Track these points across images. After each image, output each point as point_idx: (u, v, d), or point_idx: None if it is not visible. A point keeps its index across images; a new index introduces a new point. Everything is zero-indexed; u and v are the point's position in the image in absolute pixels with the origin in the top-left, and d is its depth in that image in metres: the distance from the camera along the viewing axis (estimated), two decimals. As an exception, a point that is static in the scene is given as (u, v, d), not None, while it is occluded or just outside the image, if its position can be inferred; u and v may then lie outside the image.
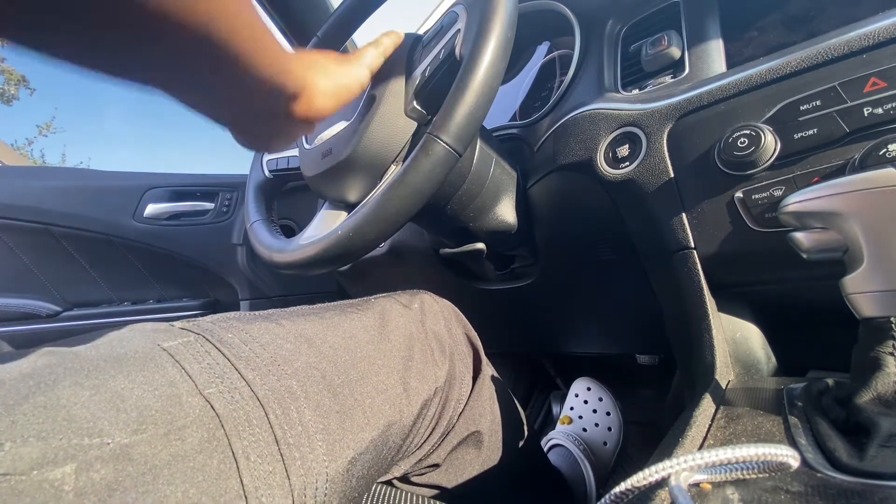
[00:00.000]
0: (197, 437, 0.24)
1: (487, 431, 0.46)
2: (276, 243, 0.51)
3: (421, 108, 0.45)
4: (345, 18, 0.59)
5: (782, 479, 0.22)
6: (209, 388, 0.26)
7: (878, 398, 0.25)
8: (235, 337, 0.31)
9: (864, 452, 0.22)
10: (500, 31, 0.37)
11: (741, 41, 0.48)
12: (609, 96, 0.52)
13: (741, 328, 0.44)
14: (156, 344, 0.27)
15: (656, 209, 0.45)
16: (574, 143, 0.51)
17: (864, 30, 0.35)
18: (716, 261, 0.42)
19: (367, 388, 0.35)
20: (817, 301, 0.42)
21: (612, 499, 0.22)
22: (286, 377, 0.30)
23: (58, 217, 0.91)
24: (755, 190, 0.39)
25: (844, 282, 0.28)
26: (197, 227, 1.01)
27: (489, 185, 0.55)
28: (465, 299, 0.55)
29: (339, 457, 0.30)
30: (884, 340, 0.26)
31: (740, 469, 0.22)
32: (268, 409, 0.27)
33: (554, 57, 0.72)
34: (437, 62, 0.43)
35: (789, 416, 0.29)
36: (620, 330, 0.76)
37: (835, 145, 0.35)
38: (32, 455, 0.19)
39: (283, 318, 0.35)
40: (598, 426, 0.80)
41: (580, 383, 0.87)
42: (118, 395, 0.23)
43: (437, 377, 0.41)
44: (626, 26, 0.57)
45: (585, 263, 0.61)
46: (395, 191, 0.38)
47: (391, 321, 0.41)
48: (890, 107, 0.33)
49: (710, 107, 0.42)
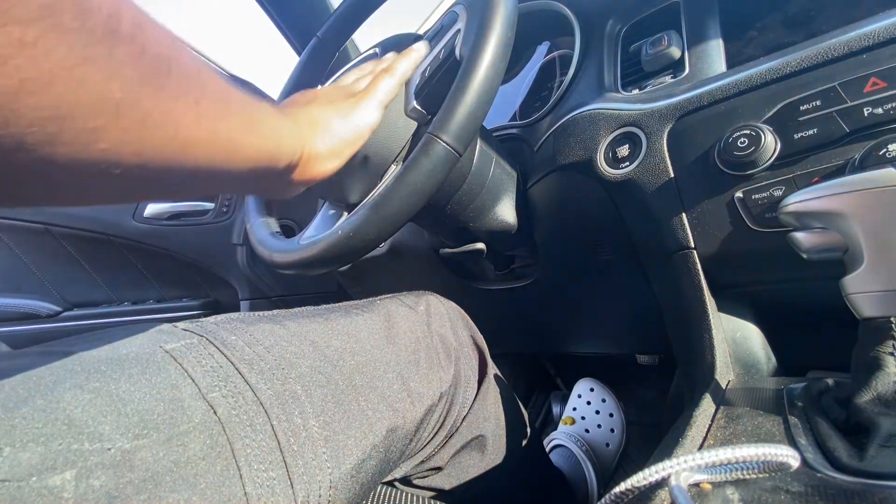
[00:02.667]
0: (199, 442, 0.24)
1: (491, 436, 0.46)
2: (276, 243, 0.50)
3: (421, 108, 0.45)
4: (345, 18, 0.59)
5: (782, 479, 0.22)
6: (212, 392, 0.26)
7: (878, 398, 0.25)
8: (239, 339, 0.30)
9: (864, 452, 0.23)
10: (500, 31, 0.37)
11: (741, 41, 0.48)
12: (609, 96, 0.52)
13: (741, 328, 0.44)
14: (158, 346, 0.27)
15: (656, 209, 0.45)
16: (574, 143, 0.51)
17: (864, 30, 0.35)
18: (716, 261, 0.42)
19: (372, 394, 0.34)
20: (817, 301, 0.42)
21: (613, 499, 0.23)
22: (290, 381, 0.30)
23: (58, 217, 0.91)
24: (755, 190, 0.39)
25: (844, 282, 0.28)
26: (197, 227, 1.01)
27: (489, 185, 0.55)
28: (465, 299, 0.55)
29: (342, 463, 0.30)
30: (884, 340, 0.26)
31: (740, 469, 0.22)
32: (271, 414, 0.27)
33: (554, 57, 0.72)
34: (437, 62, 0.43)
35: (789, 416, 0.29)
36: (620, 330, 0.76)
37: (835, 145, 0.35)
38: (32, 461, 0.18)
39: (287, 320, 0.35)
40: (600, 427, 0.80)
41: (583, 384, 0.87)
42: (119, 398, 0.22)
43: (443, 381, 0.41)
44: (626, 26, 0.57)
45: (585, 263, 0.61)
46: (396, 191, 0.38)
47: (397, 324, 0.41)
48: (890, 107, 0.33)
49: (710, 107, 0.42)
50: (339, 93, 0.37)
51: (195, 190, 0.23)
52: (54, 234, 0.91)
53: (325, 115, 0.33)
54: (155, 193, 0.21)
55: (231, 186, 0.26)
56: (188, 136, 0.19)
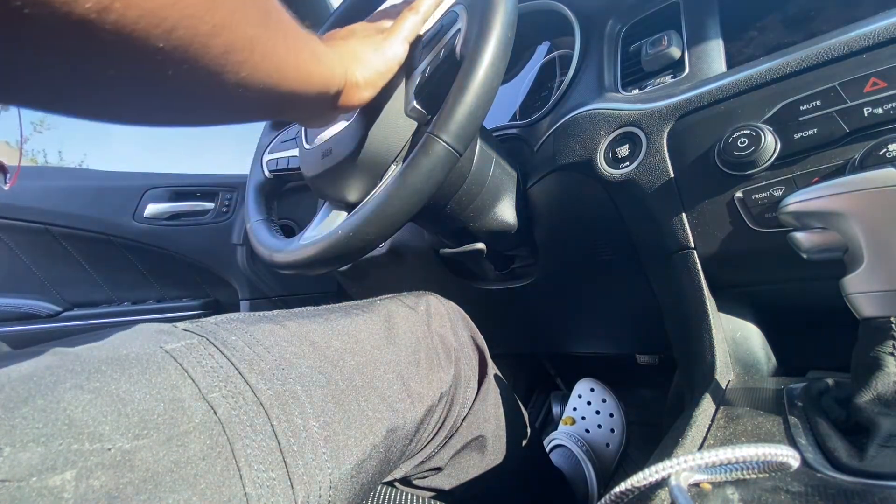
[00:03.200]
0: (199, 443, 0.24)
1: (492, 436, 0.46)
2: (276, 243, 0.51)
3: (421, 108, 0.44)
4: (345, 18, 0.59)
5: (782, 479, 0.22)
6: (212, 392, 0.26)
7: (878, 398, 0.25)
8: (239, 339, 0.30)
9: (864, 452, 0.23)
10: (500, 31, 0.37)
11: (741, 41, 0.48)
12: (609, 96, 0.52)
13: (741, 328, 0.44)
14: (158, 346, 0.27)
15: (656, 209, 0.45)
16: (574, 143, 0.51)
17: (864, 30, 0.35)
18: (716, 261, 0.42)
19: (372, 394, 0.34)
20: (817, 301, 0.42)
21: (613, 499, 0.23)
22: (290, 381, 0.30)
23: (58, 217, 0.91)
24: (755, 190, 0.39)
25: (844, 282, 0.28)
26: (197, 227, 1.01)
27: (489, 185, 0.55)
28: (465, 299, 0.55)
29: (342, 464, 0.30)
30: (884, 340, 0.26)
31: (740, 469, 0.22)
32: (271, 414, 0.27)
33: (554, 57, 0.72)
34: (438, 62, 0.43)
35: (789, 416, 0.29)
36: (620, 330, 0.76)
37: (835, 145, 0.35)
38: (32, 461, 0.18)
39: (288, 320, 0.35)
40: (601, 428, 0.80)
41: (584, 384, 0.87)
42: (120, 398, 0.22)
43: (443, 382, 0.41)
44: (626, 26, 0.57)
45: (585, 263, 0.61)
46: (395, 191, 0.38)
47: (397, 324, 0.41)
48: (890, 107, 0.33)
49: (710, 107, 0.42)
50: (371, 29, 0.41)
51: (279, 112, 0.29)
52: (54, 234, 0.91)
53: (362, 49, 0.37)
54: (254, 114, 0.27)
55: (298, 110, 0.31)
56: (284, 64, 0.25)
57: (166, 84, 0.20)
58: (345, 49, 0.36)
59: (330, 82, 0.31)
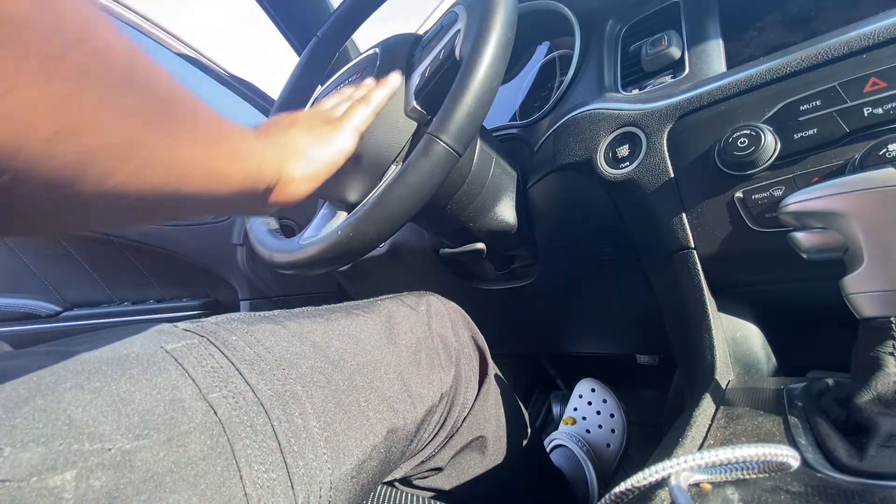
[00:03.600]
0: (200, 443, 0.24)
1: (492, 437, 0.46)
2: (276, 243, 0.51)
3: (421, 109, 0.45)
4: (345, 18, 0.59)
5: (782, 479, 0.22)
6: (213, 392, 0.26)
7: (878, 398, 0.25)
8: (240, 339, 0.30)
9: (864, 452, 0.23)
10: (499, 31, 0.37)
11: (741, 41, 0.48)
12: (609, 96, 0.52)
13: (741, 328, 0.44)
14: (159, 346, 0.27)
15: (656, 209, 0.45)
16: (574, 143, 0.51)
17: (864, 30, 0.35)
18: (716, 261, 0.42)
19: (373, 395, 0.34)
20: (817, 301, 0.42)
21: (613, 499, 0.23)
22: (291, 381, 0.30)
23: (58, 217, 0.91)
24: (755, 190, 0.39)
25: (844, 282, 0.28)
26: (197, 228, 1.01)
27: (489, 186, 0.55)
28: (466, 299, 0.55)
29: (343, 464, 0.30)
30: (884, 340, 0.26)
31: (740, 469, 0.22)
32: (271, 415, 0.27)
33: (554, 57, 0.72)
34: (437, 62, 0.43)
35: (789, 416, 0.29)
36: (620, 330, 0.76)
37: (835, 145, 0.35)
38: (32, 461, 0.18)
39: (288, 320, 0.35)
40: (601, 428, 0.80)
41: (584, 384, 0.87)
42: (120, 398, 0.22)
43: (443, 382, 0.41)
44: (626, 26, 0.57)
45: (585, 263, 0.61)
46: (395, 191, 0.38)
47: (398, 324, 0.41)
48: (890, 107, 0.33)
49: (710, 107, 0.42)
50: (317, 118, 0.39)
51: (187, 214, 0.24)
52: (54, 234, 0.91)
53: (303, 141, 0.35)
54: (154, 218, 0.22)
55: (216, 209, 0.28)
56: (186, 166, 0.21)
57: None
58: (284, 141, 0.34)
59: (258, 179, 0.28)
